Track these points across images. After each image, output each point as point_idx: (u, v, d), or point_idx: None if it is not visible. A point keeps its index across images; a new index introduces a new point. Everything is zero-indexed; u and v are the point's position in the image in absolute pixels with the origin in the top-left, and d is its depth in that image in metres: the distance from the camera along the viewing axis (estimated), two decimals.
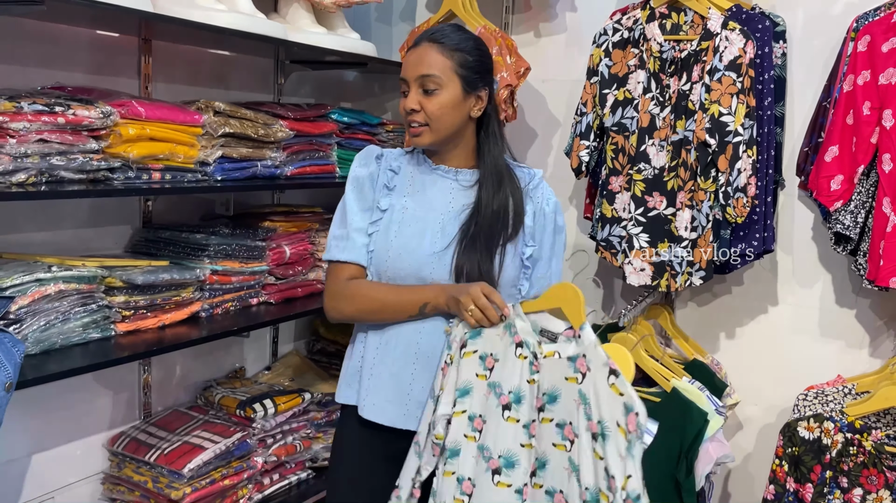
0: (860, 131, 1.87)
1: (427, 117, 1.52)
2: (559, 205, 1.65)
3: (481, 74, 1.55)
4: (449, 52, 1.51)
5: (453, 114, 1.53)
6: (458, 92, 1.52)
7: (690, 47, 2.04)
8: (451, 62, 1.51)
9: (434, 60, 1.51)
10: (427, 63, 1.51)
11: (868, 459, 1.81)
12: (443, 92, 1.51)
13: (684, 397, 2.02)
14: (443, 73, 1.50)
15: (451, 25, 1.59)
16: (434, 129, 1.53)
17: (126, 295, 1.84)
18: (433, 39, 1.52)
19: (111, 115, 1.71)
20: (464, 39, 1.54)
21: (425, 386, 1.55)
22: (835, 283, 2.21)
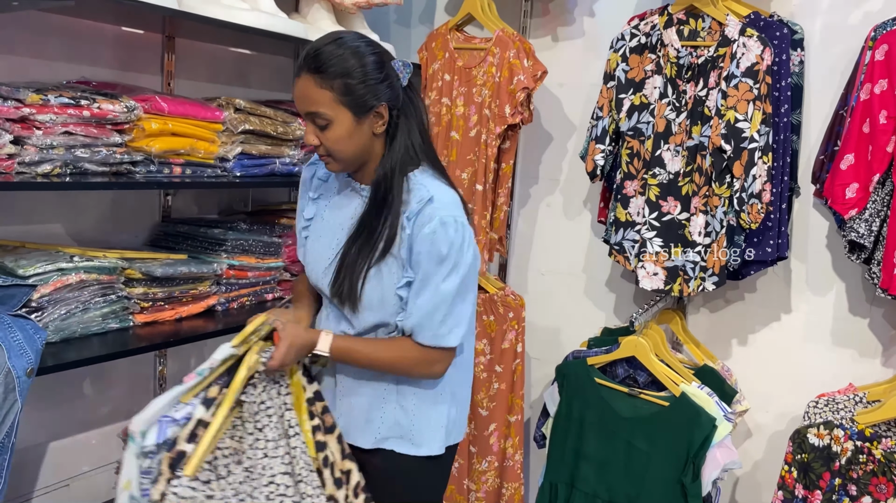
0: (876, 140, 1.87)
1: (328, 150, 1.47)
2: (447, 231, 1.45)
3: (372, 92, 1.44)
4: (328, 83, 1.41)
5: (352, 141, 1.46)
6: (350, 121, 1.44)
7: (707, 53, 2.05)
8: (332, 93, 1.41)
9: (315, 96, 1.42)
10: (310, 99, 1.43)
11: (878, 468, 1.81)
12: (334, 125, 1.44)
13: (693, 402, 2.03)
14: (328, 108, 1.42)
15: (330, 42, 1.44)
16: (339, 159, 1.48)
17: (145, 287, 1.87)
18: (311, 69, 1.42)
19: (135, 110, 1.75)
20: (342, 60, 1.42)
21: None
22: (848, 292, 2.20)
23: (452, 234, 1.45)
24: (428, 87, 2.48)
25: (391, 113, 1.49)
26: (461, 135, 2.40)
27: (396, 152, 1.50)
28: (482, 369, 2.44)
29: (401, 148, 1.51)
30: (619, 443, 2.14)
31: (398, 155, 1.50)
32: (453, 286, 1.48)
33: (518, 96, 2.28)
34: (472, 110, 2.38)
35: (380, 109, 1.46)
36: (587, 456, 2.20)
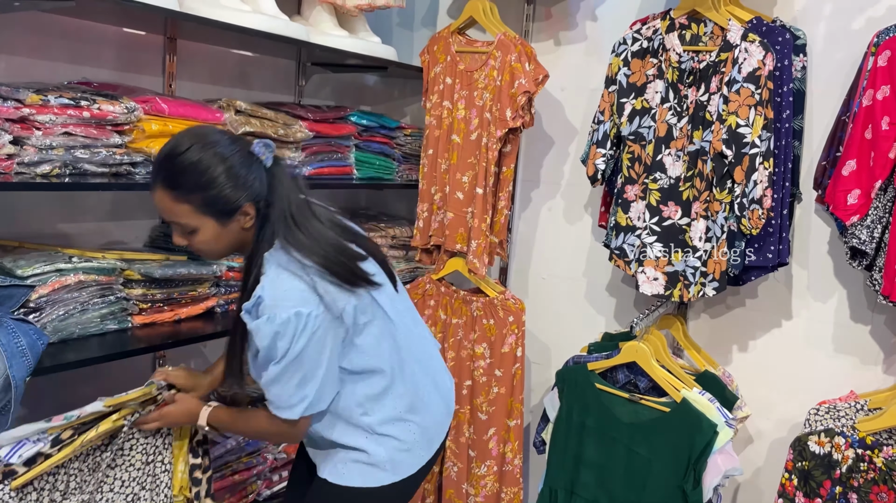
0: (878, 146, 1.86)
1: (198, 249, 1.51)
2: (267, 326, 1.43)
3: (234, 196, 1.44)
4: (185, 197, 1.42)
5: (221, 241, 1.49)
6: (214, 226, 1.46)
7: (709, 58, 2.04)
8: (190, 206, 1.43)
9: (174, 210, 1.43)
10: (169, 212, 1.45)
11: (878, 476, 1.80)
12: (199, 233, 1.46)
13: (694, 408, 2.02)
14: (189, 219, 1.44)
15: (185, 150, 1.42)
16: (208, 255, 1.54)
17: (144, 288, 1.87)
18: (164, 185, 1.43)
19: (135, 111, 1.75)
20: (197, 173, 1.41)
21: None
22: (850, 298, 2.19)
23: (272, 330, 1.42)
24: (429, 90, 2.48)
25: (258, 205, 1.48)
26: (462, 138, 2.40)
27: (257, 241, 1.50)
28: (481, 373, 2.43)
29: (261, 235, 1.49)
30: (620, 449, 2.13)
31: (258, 244, 1.49)
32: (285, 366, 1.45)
33: (519, 100, 2.28)
34: (473, 114, 2.38)
35: (245, 208, 1.47)
36: (587, 461, 2.19)
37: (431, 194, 2.47)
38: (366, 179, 2.51)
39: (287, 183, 1.52)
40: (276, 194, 1.49)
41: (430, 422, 1.70)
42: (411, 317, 1.74)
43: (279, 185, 1.50)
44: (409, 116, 2.95)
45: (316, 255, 1.48)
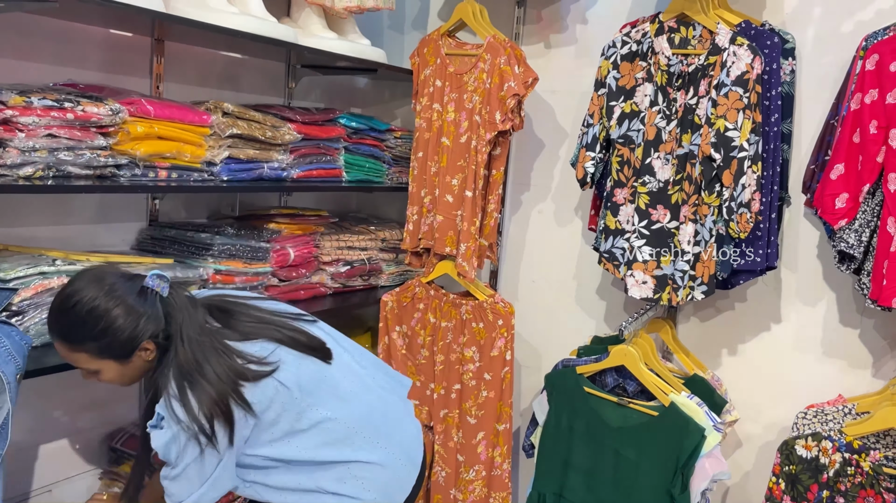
0: (866, 150, 1.86)
1: (107, 382, 1.53)
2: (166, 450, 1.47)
3: (129, 339, 1.46)
4: (80, 347, 1.46)
5: (126, 376, 1.53)
6: (115, 366, 1.50)
7: (698, 62, 2.04)
8: (87, 354, 1.47)
9: (73, 358, 1.49)
10: (70, 359, 1.49)
11: (866, 480, 1.79)
12: (102, 373, 1.50)
13: (682, 412, 2.01)
14: (88, 363, 1.48)
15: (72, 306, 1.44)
16: (122, 385, 1.57)
17: None
18: (59, 338, 1.47)
19: (120, 113, 1.74)
20: (86, 327, 1.43)
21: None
22: (839, 302, 2.19)
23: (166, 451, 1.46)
24: (419, 92, 2.47)
25: (156, 340, 1.49)
26: (452, 141, 2.39)
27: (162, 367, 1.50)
28: (470, 377, 2.42)
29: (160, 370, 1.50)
30: (608, 453, 2.12)
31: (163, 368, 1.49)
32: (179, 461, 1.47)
33: (509, 103, 2.27)
34: (462, 116, 2.37)
35: (144, 345, 1.48)
36: (576, 465, 2.18)
37: (421, 197, 2.47)
38: (355, 182, 2.50)
39: (183, 305, 1.53)
40: (176, 324, 1.50)
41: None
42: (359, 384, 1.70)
43: (178, 311, 1.51)
44: (400, 119, 2.95)
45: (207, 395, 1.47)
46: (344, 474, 1.59)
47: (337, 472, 1.58)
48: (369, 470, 1.61)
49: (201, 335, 1.51)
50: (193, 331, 1.51)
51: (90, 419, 2.18)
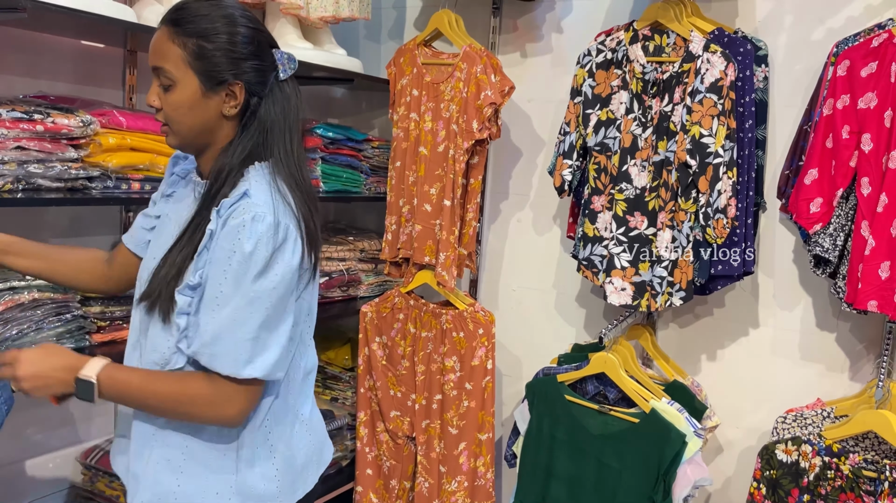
0: (839, 155, 1.88)
1: (167, 117, 1.27)
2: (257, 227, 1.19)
3: (229, 65, 1.24)
4: (182, 40, 1.22)
5: (192, 115, 1.25)
6: (195, 89, 1.23)
7: (672, 69, 2.06)
8: (183, 52, 1.22)
9: (165, 50, 1.23)
10: (159, 53, 1.24)
11: (846, 483, 1.80)
12: (176, 89, 1.23)
13: (663, 418, 2.01)
14: (175, 66, 1.22)
15: (204, 2, 1.25)
16: (176, 131, 1.27)
17: (102, 305, 1.83)
18: (169, 20, 1.24)
19: (91, 124, 1.71)
20: (206, 20, 1.23)
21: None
22: (815, 306, 2.21)
23: (263, 231, 1.19)
24: (396, 102, 2.47)
25: (249, 98, 1.27)
26: (429, 150, 2.39)
27: (243, 142, 1.28)
28: (451, 387, 2.41)
29: (250, 139, 1.28)
30: (590, 461, 2.12)
31: (245, 146, 1.27)
32: (259, 294, 1.19)
33: (485, 111, 2.27)
34: (440, 125, 2.37)
35: (234, 88, 1.25)
36: (558, 474, 2.18)
37: (399, 207, 2.46)
38: (333, 192, 2.48)
39: (296, 108, 1.31)
40: (279, 107, 1.28)
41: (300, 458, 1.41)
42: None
43: (285, 101, 1.29)
44: (377, 129, 2.94)
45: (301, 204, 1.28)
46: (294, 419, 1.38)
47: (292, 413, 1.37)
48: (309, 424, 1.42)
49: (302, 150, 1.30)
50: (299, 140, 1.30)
51: (63, 436, 2.14)
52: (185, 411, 1.22)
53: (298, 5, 2.22)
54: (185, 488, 1.28)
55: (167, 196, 1.44)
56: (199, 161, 1.34)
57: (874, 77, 1.84)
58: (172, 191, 1.44)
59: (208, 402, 1.21)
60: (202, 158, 1.33)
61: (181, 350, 1.24)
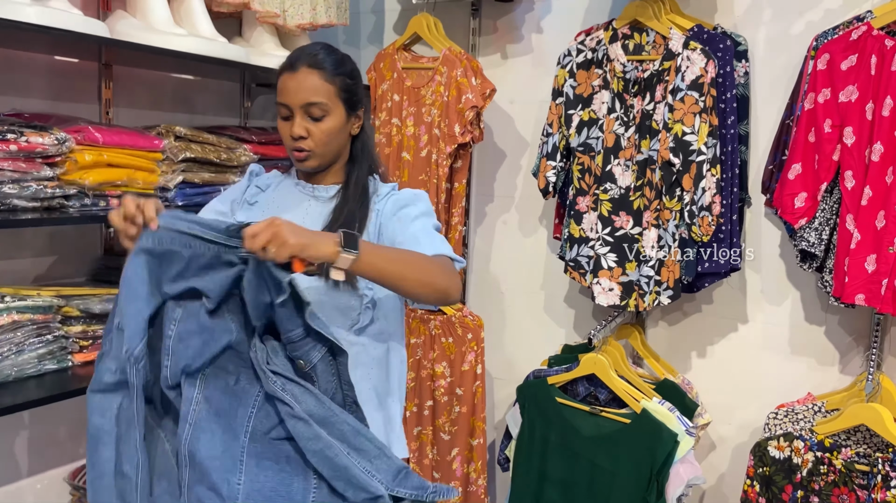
0: (822, 149, 1.88)
1: (314, 144, 1.49)
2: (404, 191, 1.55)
3: (359, 95, 1.55)
4: (332, 79, 1.49)
5: (337, 138, 1.52)
6: (342, 117, 1.51)
7: (653, 67, 2.05)
8: (333, 87, 1.49)
9: (319, 87, 1.47)
10: (312, 90, 1.47)
11: (839, 478, 1.80)
12: (329, 118, 1.49)
13: (654, 418, 2.00)
14: (328, 99, 1.48)
15: (322, 47, 1.53)
16: (320, 155, 1.51)
17: (84, 324, 1.80)
18: (313, 65, 1.48)
19: (66, 142, 1.69)
20: (340, 62, 1.52)
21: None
22: (804, 301, 2.20)
23: (410, 192, 1.55)
24: (377, 107, 2.45)
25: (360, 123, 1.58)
26: (412, 155, 2.37)
27: (368, 153, 1.60)
28: (442, 393, 2.39)
29: (369, 150, 1.61)
30: (583, 463, 2.11)
31: (369, 156, 1.60)
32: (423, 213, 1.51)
33: (467, 115, 2.26)
34: (422, 130, 2.35)
35: (359, 112, 1.56)
36: (551, 477, 2.16)
37: None
38: None
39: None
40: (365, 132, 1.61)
41: None
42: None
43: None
44: None
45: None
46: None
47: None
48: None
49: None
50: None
51: (51, 457, 2.11)
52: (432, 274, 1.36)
53: (275, 13, 2.20)
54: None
55: (251, 204, 1.62)
56: (322, 175, 1.57)
57: (854, 70, 1.84)
58: (256, 200, 1.62)
59: (443, 268, 1.39)
60: (326, 172, 1.57)
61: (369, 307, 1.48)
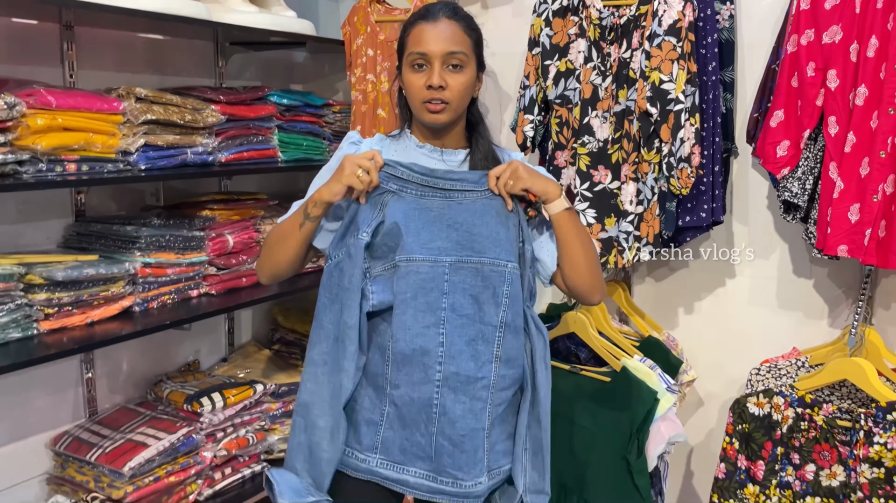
0: (805, 94, 1.79)
1: (451, 95, 1.46)
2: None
3: (482, 54, 1.54)
4: (470, 33, 1.49)
5: (467, 94, 1.49)
6: (474, 72, 1.50)
7: (629, 13, 1.95)
8: (470, 41, 1.48)
9: (460, 38, 1.46)
10: (455, 40, 1.46)
11: (820, 434, 1.75)
12: (466, 70, 1.47)
13: (634, 376, 1.96)
14: (468, 50, 1.47)
15: (453, 3, 1.52)
16: (452, 108, 1.47)
17: (48, 292, 1.78)
18: (454, 17, 1.48)
19: (17, 106, 1.64)
20: (472, 19, 1.52)
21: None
22: (791, 253, 2.14)
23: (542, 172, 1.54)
24: (353, 63, 2.38)
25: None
26: (388, 112, 2.30)
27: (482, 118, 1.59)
28: None
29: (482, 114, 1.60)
30: (564, 423, 2.07)
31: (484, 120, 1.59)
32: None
33: None
34: (396, 86, 2.28)
35: (482, 74, 1.54)
36: None
37: None
38: (293, 161, 2.41)
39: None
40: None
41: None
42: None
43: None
44: (342, 93, 2.85)
45: None
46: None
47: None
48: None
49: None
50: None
51: (33, 423, 2.11)
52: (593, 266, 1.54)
53: None
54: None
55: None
56: (436, 136, 1.54)
57: (839, 9, 1.74)
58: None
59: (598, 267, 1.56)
60: (444, 133, 1.53)
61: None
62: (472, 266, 1.41)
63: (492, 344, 1.40)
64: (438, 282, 1.40)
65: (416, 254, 1.41)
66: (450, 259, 1.41)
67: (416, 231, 1.42)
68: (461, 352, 1.39)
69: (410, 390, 1.40)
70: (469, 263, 1.41)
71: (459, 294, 1.40)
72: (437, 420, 1.39)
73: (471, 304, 1.41)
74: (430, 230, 1.42)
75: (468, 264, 1.41)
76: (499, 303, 1.41)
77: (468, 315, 1.40)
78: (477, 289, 1.41)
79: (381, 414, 1.43)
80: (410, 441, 1.41)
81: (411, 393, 1.40)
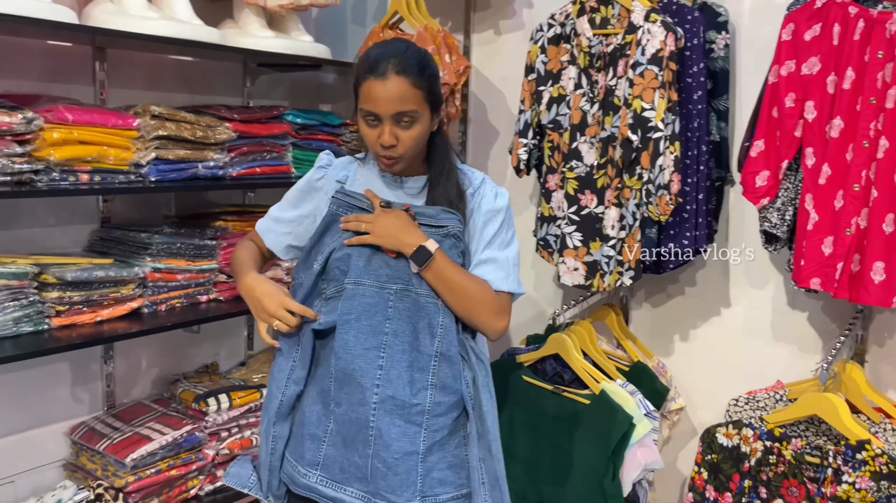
0: (784, 124, 1.78)
1: (402, 149, 1.48)
2: (501, 194, 1.62)
3: (440, 93, 1.54)
4: (420, 83, 1.46)
5: (422, 139, 1.51)
6: (429, 119, 1.51)
7: (616, 41, 1.99)
8: (421, 92, 1.46)
9: (409, 95, 1.45)
10: (403, 99, 1.44)
11: (788, 469, 1.72)
12: (418, 123, 1.48)
13: (611, 400, 1.98)
14: (419, 106, 1.46)
15: (404, 46, 1.50)
16: (406, 158, 1.51)
17: (59, 291, 1.94)
18: (402, 71, 1.44)
19: (35, 121, 1.81)
20: (424, 62, 1.49)
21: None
22: (786, 284, 2.10)
23: (503, 201, 1.61)
24: None
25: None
26: None
27: (445, 143, 1.60)
28: None
29: (445, 141, 1.61)
30: (546, 443, 2.10)
31: (447, 144, 1.60)
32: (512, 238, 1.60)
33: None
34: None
35: (439, 112, 1.56)
36: (516, 455, 2.17)
37: None
38: None
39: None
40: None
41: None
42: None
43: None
44: None
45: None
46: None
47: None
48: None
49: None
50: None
51: (55, 412, 2.28)
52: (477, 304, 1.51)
53: None
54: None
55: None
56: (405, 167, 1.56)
57: (817, 40, 1.73)
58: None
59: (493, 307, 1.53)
60: (408, 166, 1.56)
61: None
62: (413, 296, 1.48)
63: (427, 372, 1.46)
64: (383, 307, 1.47)
65: (364, 278, 1.49)
66: (396, 287, 1.48)
67: (367, 257, 1.50)
68: (399, 377, 1.44)
69: (350, 410, 1.47)
70: (412, 293, 1.48)
71: (403, 321, 1.47)
72: (372, 443, 1.44)
73: (411, 332, 1.47)
74: (380, 258, 1.50)
75: (411, 294, 1.48)
76: (434, 333, 1.47)
77: (409, 342, 1.46)
78: (415, 319, 1.47)
79: (325, 430, 1.51)
80: (349, 461, 1.48)
81: (350, 412, 1.47)
